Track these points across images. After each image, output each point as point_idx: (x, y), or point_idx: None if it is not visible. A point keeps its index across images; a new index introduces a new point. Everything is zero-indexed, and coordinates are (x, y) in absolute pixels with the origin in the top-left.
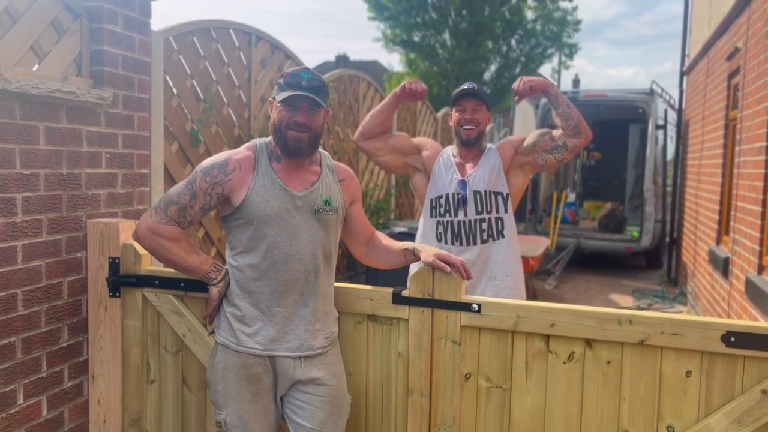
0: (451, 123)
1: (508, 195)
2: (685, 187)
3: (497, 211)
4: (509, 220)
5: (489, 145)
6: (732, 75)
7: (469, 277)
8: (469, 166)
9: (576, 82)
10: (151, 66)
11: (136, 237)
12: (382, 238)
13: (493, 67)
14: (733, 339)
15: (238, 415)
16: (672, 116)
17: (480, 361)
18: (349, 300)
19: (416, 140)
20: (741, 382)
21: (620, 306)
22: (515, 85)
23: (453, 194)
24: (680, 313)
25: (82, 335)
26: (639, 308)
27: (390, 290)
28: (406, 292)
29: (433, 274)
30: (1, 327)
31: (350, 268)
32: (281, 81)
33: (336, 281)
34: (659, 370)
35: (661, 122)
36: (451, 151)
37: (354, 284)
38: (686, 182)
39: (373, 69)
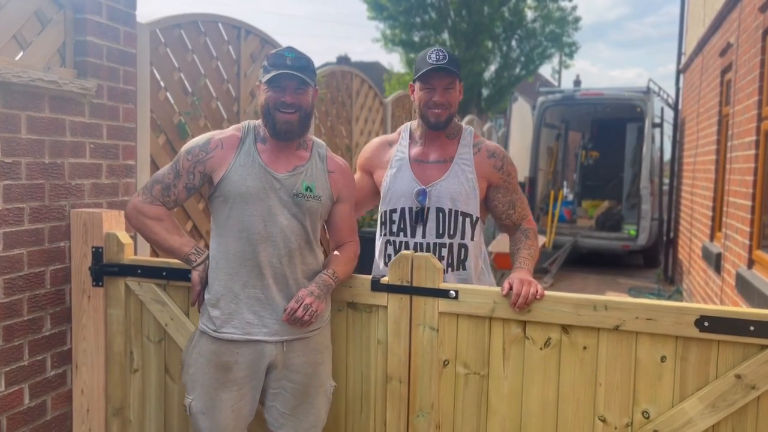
0: (414, 99)
1: (478, 219)
2: (681, 185)
3: (462, 237)
4: (475, 249)
5: (466, 135)
6: (725, 71)
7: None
8: (432, 169)
9: (577, 83)
10: (136, 58)
11: (126, 216)
12: (346, 250)
13: (492, 67)
14: (706, 324)
15: (203, 401)
16: (669, 114)
17: (458, 347)
18: None
19: (362, 164)
20: (715, 367)
21: None
22: (517, 306)
23: (410, 209)
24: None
25: (65, 324)
26: None
27: (369, 277)
28: (385, 280)
29: (412, 262)
30: None
31: None
32: (266, 63)
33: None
34: (634, 356)
35: (657, 120)
36: (406, 139)
37: None
38: (682, 180)
39: (374, 70)
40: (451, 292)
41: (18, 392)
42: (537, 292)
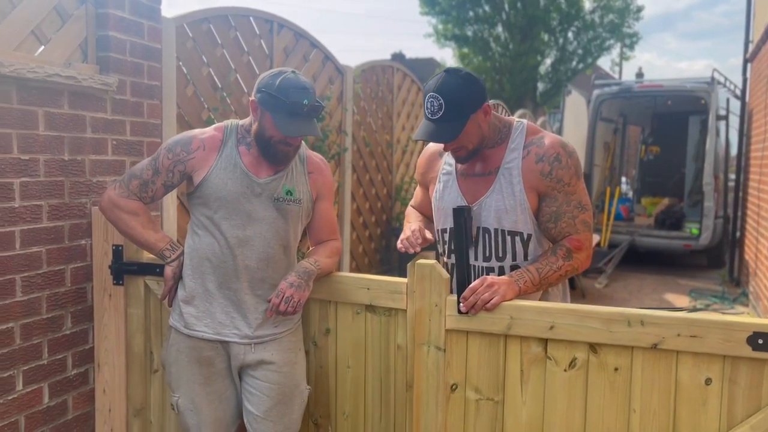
0: None
1: (530, 236)
2: (748, 181)
3: (513, 258)
4: None
5: (515, 136)
6: None
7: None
8: (478, 183)
9: (639, 75)
10: (162, 53)
11: (100, 208)
12: (328, 245)
13: (548, 61)
14: (761, 341)
15: (190, 398)
16: (736, 106)
17: (468, 369)
18: (345, 289)
19: (418, 179)
20: None
21: (675, 306)
22: (464, 303)
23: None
24: (740, 315)
25: (87, 323)
26: (695, 309)
27: (388, 279)
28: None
29: (415, 271)
30: None
31: (384, 262)
32: (280, 97)
33: (370, 275)
34: (675, 378)
35: (723, 112)
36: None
37: (351, 273)
38: (749, 175)
39: (429, 66)
40: (460, 305)
41: (37, 391)
42: (490, 301)
